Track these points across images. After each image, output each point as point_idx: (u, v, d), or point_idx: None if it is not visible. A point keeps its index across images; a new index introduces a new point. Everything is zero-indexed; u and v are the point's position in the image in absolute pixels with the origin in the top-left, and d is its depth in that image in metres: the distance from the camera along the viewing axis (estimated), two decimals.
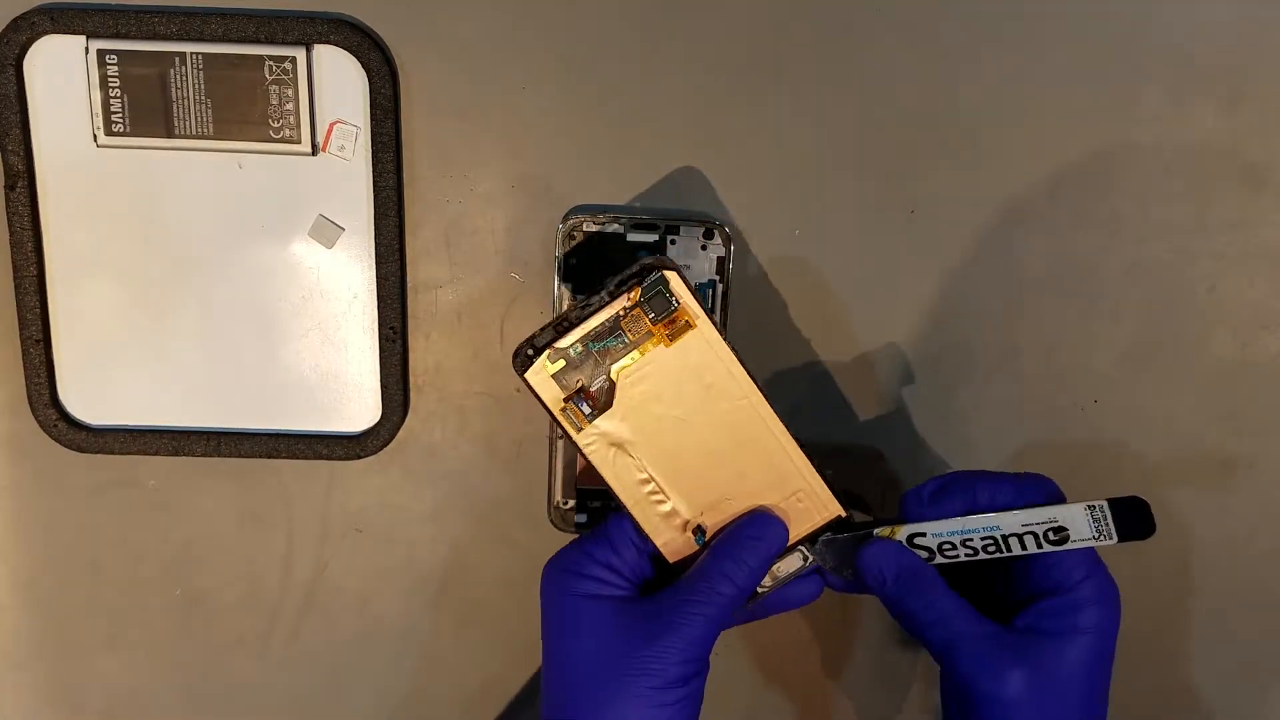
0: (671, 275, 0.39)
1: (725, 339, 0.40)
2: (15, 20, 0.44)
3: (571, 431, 0.41)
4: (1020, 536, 0.40)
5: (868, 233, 0.47)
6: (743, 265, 0.47)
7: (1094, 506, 0.40)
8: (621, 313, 0.40)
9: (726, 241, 0.46)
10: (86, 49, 0.44)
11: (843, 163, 0.46)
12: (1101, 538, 0.40)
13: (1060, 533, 0.40)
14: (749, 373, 0.41)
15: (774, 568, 0.43)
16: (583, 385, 0.40)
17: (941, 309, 0.47)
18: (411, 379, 0.48)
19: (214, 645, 0.51)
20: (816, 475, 0.42)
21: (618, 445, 0.41)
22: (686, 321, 0.40)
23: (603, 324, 0.40)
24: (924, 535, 0.41)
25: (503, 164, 0.46)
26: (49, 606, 0.51)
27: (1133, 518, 0.40)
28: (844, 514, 0.43)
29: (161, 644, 0.51)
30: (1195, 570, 0.50)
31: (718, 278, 0.46)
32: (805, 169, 0.46)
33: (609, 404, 0.40)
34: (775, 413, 0.41)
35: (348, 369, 0.48)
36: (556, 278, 0.46)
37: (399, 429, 0.48)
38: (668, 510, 0.42)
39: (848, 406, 0.48)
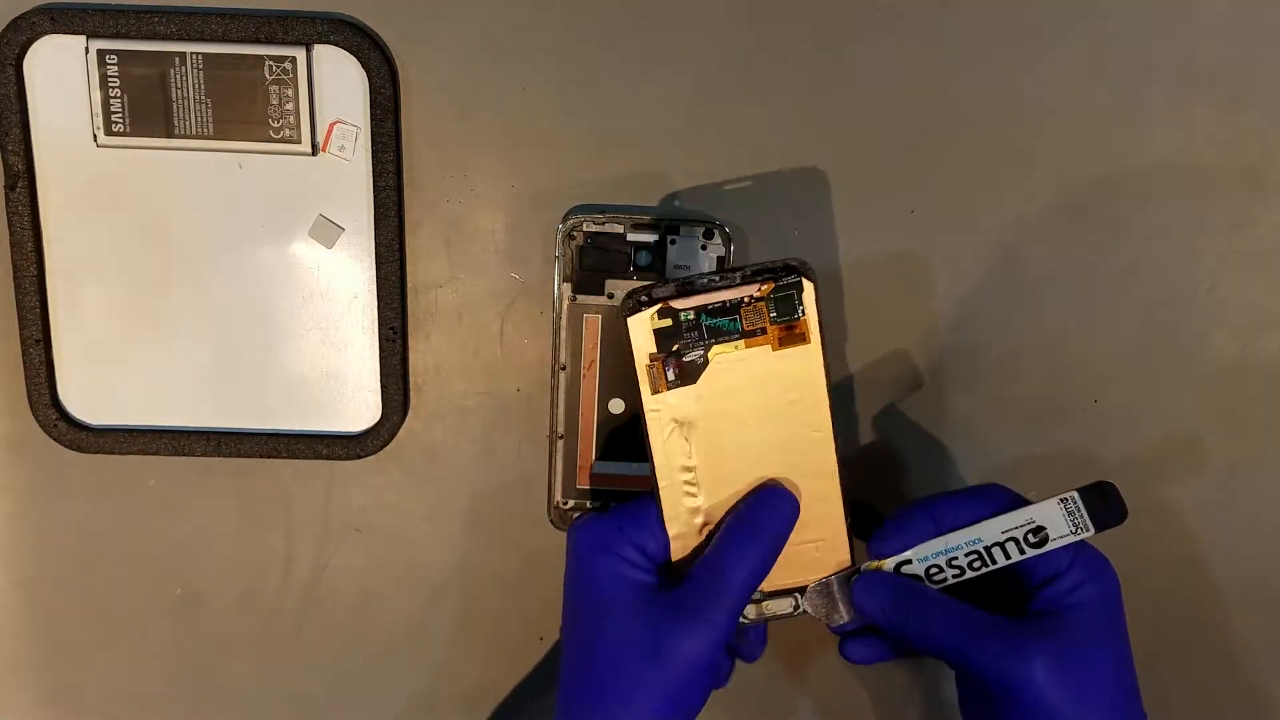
0: (809, 285, 0.39)
1: (828, 369, 0.40)
2: (15, 20, 0.44)
3: (646, 390, 0.40)
4: (1003, 545, 0.40)
5: (868, 233, 0.47)
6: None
7: (1066, 499, 0.40)
8: (746, 299, 0.39)
9: (726, 241, 0.46)
10: (86, 49, 0.44)
11: (843, 163, 0.46)
12: (1079, 530, 0.40)
13: (1039, 533, 0.40)
14: (832, 411, 0.40)
15: (763, 605, 0.42)
16: (678, 350, 0.40)
17: (941, 309, 0.47)
18: (411, 379, 0.48)
19: (214, 645, 0.51)
20: (844, 529, 0.42)
21: (679, 423, 0.40)
22: (802, 334, 0.40)
23: (724, 302, 0.39)
24: (910, 563, 0.41)
25: (503, 164, 0.46)
26: (49, 606, 0.51)
27: (1104, 504, 0.40)
28: (850, 562, 0.43)
29: (161, 644, 0.51)
30: (1196, 571, 0.50)
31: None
32: (805, 169, 0.46)
33: (692, 381, 0.40)
34: (839, 459, 0.41)
35: (348, 369, 0.48)
36: (556, 278, 0.46)
37: (399, 429, 0.48)
38: (695, 505, 0.41)
39: (847, 406, 0.48)
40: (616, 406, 0.47)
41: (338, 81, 0.45)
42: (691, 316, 0.39)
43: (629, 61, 0.45)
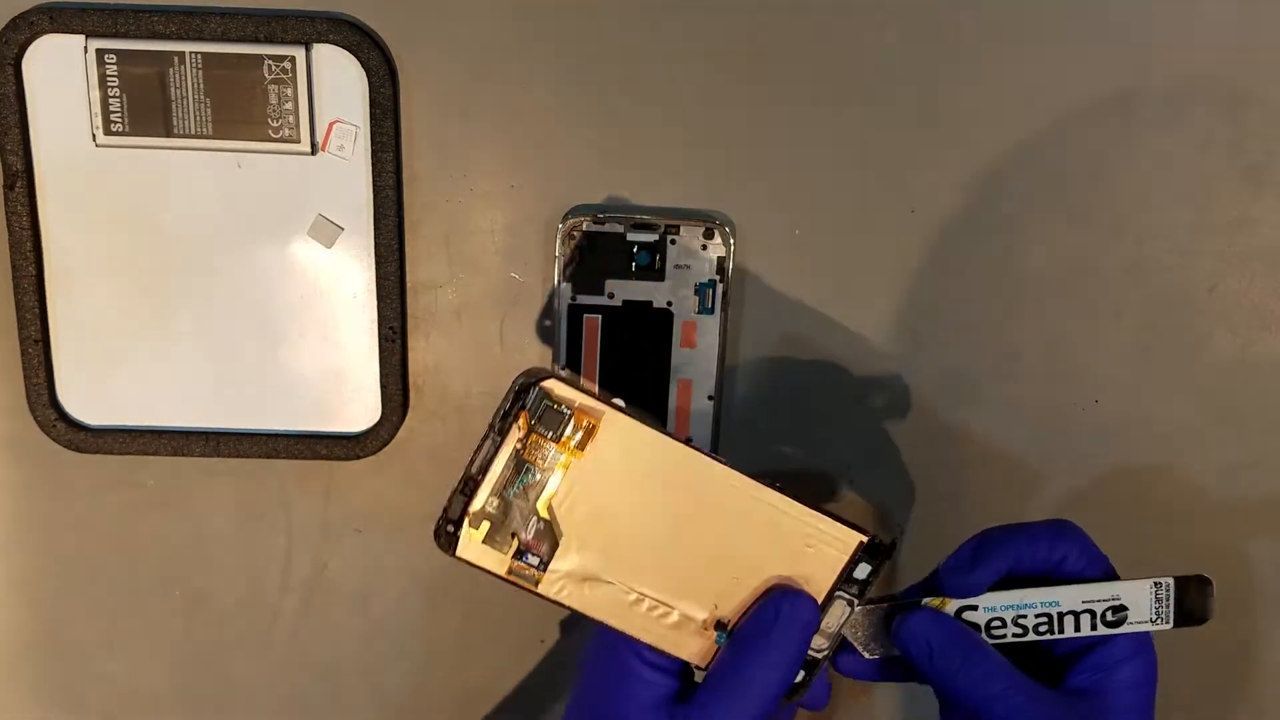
0: (550, 384, 0.36)
1: (640, 417, 0.36)
2: (15, 20, 0.44)
3: (531, 589, 0.37)
4: (1077, 615, 0.38)
5: (868, 233, 0.47)
6: (743, 265, 0.47)
7: (1160, 584, 0.37)
8: (519, 446, 0.36)
9: (726, 241, 0.46)
10: (85, 48, 0.44)
11: (843, 163, 0.46)
12: (1159, 620, 0.38)
13: (1119, 612, 0.38)
14: (687, 441, 0.37)
15: (823, 624, 0.39)
16: (517, 536, 0.37)
17: (941, 309, 0.47)
18: (411, 379, 0.48)
19: (214, 645, 0.51)
20: (818, 514, 0.38)
21: (590, 578, 0.37)
22: (591, 424, 0.36)
23: (507, 466, 0.36)
24: (975, 609, 0.38)
25: (503, 164, 0.46)
26: (49, 606, 0.51)
27: (1198, 598, 0.38)
28: (866, 538, 0.38)
29: (161, 644, 0.51)
30: (1196, 571, 0.50)
31: (718, 278, 0.46)
32: (805, 169, 0.46)
33: (555, 544, 0.37)
34: (734, 468, 0.37)
35: (348, 369, 0.48)
36: (556, 278, 0.46)
37: (399, 429, 0.48)
38: (676, 620, 0.38)
39: (846, 406, 0.48)
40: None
41: (337, 81, 0.45)
42: (497, 502, 0.37)
43: (629, 61, 0.45)
